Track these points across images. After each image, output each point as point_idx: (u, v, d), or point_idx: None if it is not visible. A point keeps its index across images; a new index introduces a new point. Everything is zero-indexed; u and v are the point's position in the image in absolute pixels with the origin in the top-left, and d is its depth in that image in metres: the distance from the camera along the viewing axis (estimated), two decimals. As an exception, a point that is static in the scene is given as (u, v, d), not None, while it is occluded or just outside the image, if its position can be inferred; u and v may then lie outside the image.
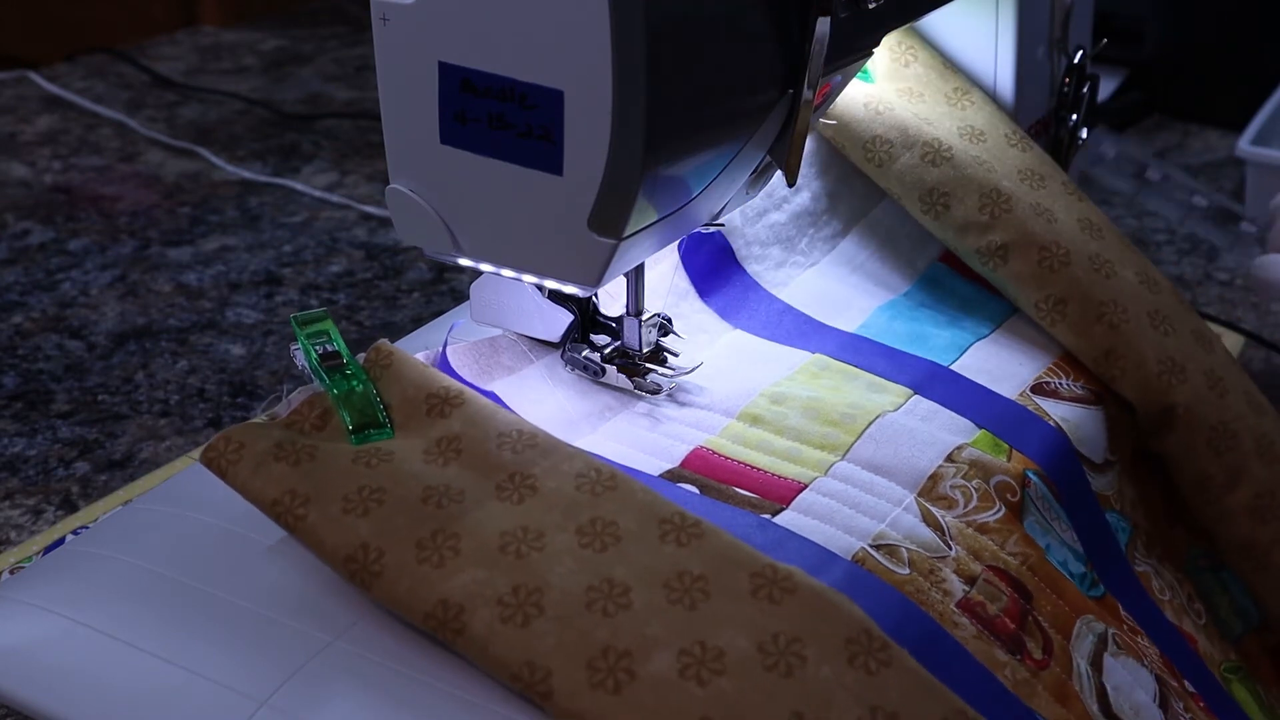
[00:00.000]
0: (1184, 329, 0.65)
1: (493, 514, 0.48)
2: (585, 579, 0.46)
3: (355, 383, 0.54)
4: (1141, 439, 0.65)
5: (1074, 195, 0.69)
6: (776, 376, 0.62)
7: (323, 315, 0.57)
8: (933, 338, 0.66)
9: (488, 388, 0.58)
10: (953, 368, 0.64)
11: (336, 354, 0.55)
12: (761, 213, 0.69)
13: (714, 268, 0.68)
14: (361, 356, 0.55)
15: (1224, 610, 0.65)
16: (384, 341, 0.56)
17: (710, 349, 0.64)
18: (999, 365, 0.65)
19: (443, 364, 0.58)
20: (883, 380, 0.62)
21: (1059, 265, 0.65)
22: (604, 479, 0.50)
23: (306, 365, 0.55)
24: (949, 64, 0.73)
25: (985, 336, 0.67)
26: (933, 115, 0.70)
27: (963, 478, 0.56)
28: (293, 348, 0.56)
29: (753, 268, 0.69)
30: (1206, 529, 0.65)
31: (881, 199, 0.72)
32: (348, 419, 0.53)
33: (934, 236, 0.69)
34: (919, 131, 0.68)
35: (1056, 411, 0.62)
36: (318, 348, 0.55)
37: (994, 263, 0.66)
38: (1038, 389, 0.63)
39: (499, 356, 0.61)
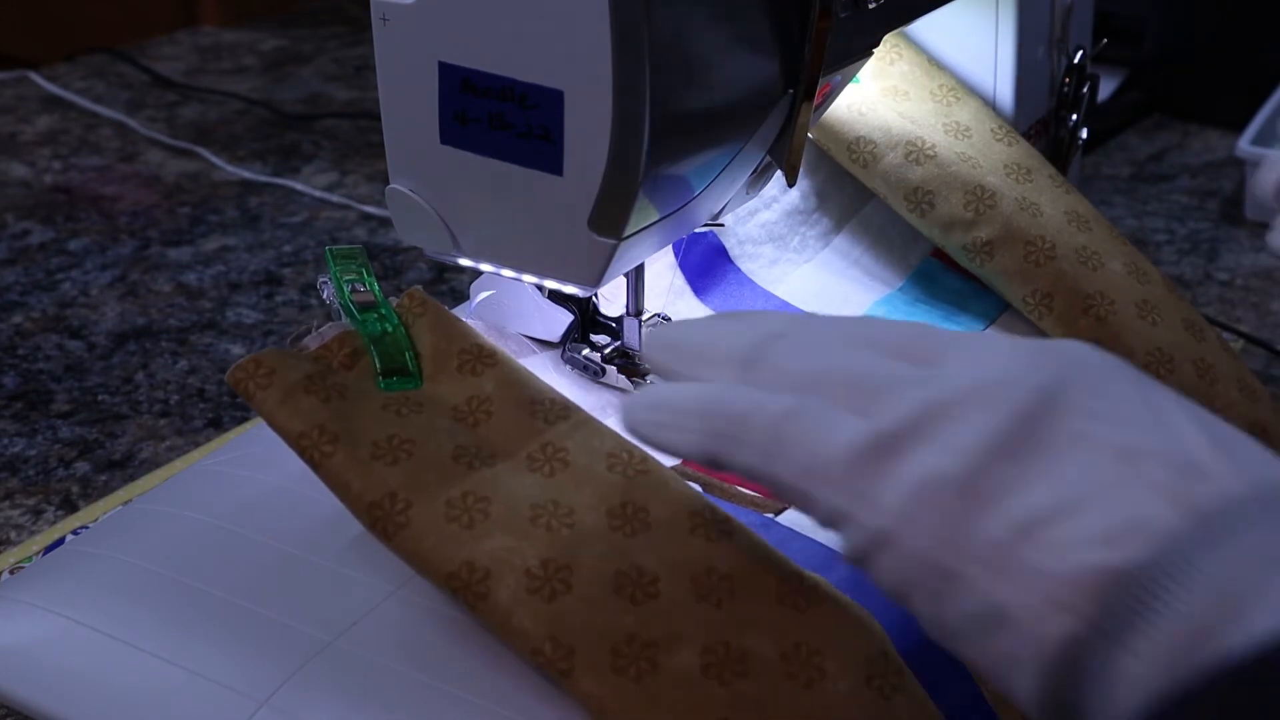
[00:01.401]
0: (1173, 318, 0.65)
1: (524, 483, 0.48)
2: (614, 563, 0.45)
3: (388, 325, 0.52)
4: None
5: (1061, 188, 0.69)
6: None
7: (358, 251, 0.55)
8: None
9: None
10: None
11: (369, 293, 0.54)
12: (752, 212, 0.69)
13: (708, 267, 0.68)
14: (394, 300, 0.54)
15: None
16: (418, 289, 0.54)
17: None
18: None
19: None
20: None
21: (1044, 259, 0.65)
22: (635, 461, 0.49)
23: (336, 301, 0.53)
24: (934, 62, 0.73)
25: (982, 332, 0.67)
26: (918, 114, 0.70)
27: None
28: (321, 280, 0.54)
29: (746, 266, 0.69)
30: None
31: (872, 196, 0.73)
32: (378, 362, 0.51)
33: None
34: (903, 131, 0.68)
35: None
36: (349, 285, 0.54)
37: (980, 258, 0.66)
38: None
39: (505, 344, 0.61)
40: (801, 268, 0.70)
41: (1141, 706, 0.32)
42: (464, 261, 0.54)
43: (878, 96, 0.70)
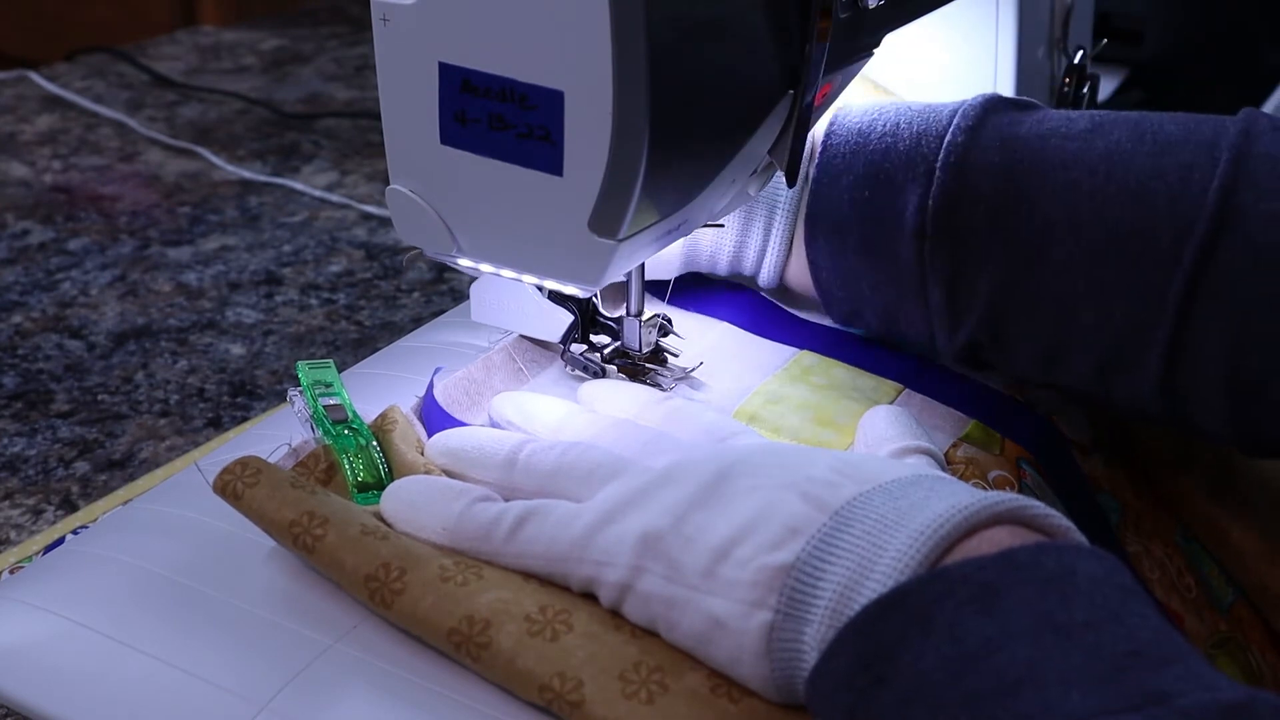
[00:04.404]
0: None
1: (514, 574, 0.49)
2: (610, 613, 0.47)
3: (361, 439, 0.54)
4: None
5: None
6: (768, 373, 0.62)
7: (329, 364, 0.57)
8: None
9: (478, 421, 0.58)
10: (938, 360, 0.64)
11: (340, 407, 0.55)
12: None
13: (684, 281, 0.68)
14: (361, 409, 0.56)
15: (1214, 579, 0.65)
16: (395, 407, 0.56)
17: (701, 343, 0.64)
18: None
19: (430, 405, 0.58)
20: (873, 376, 0.63)
21: None
22: None
23: (308, 413, 0.55)
24: (879, 87, 0.73)
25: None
26: None
27: (959, 476, 0.57)
28: (292, 392, 0.56)
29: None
30: (1172, 507, 0.66)
31: None
32: (352, 476, 0.53)
33: None
34: None
35: (1043, 397, 0.63)
36: (322, 400, 0.55)
37: None
38: None
39: (491, 381, 0.61)
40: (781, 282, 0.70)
41: (817, 660, 0.41)
42: (464, 261, 0.54)
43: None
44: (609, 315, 0.61)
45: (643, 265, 0.59)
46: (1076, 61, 0.78)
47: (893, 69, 0.73)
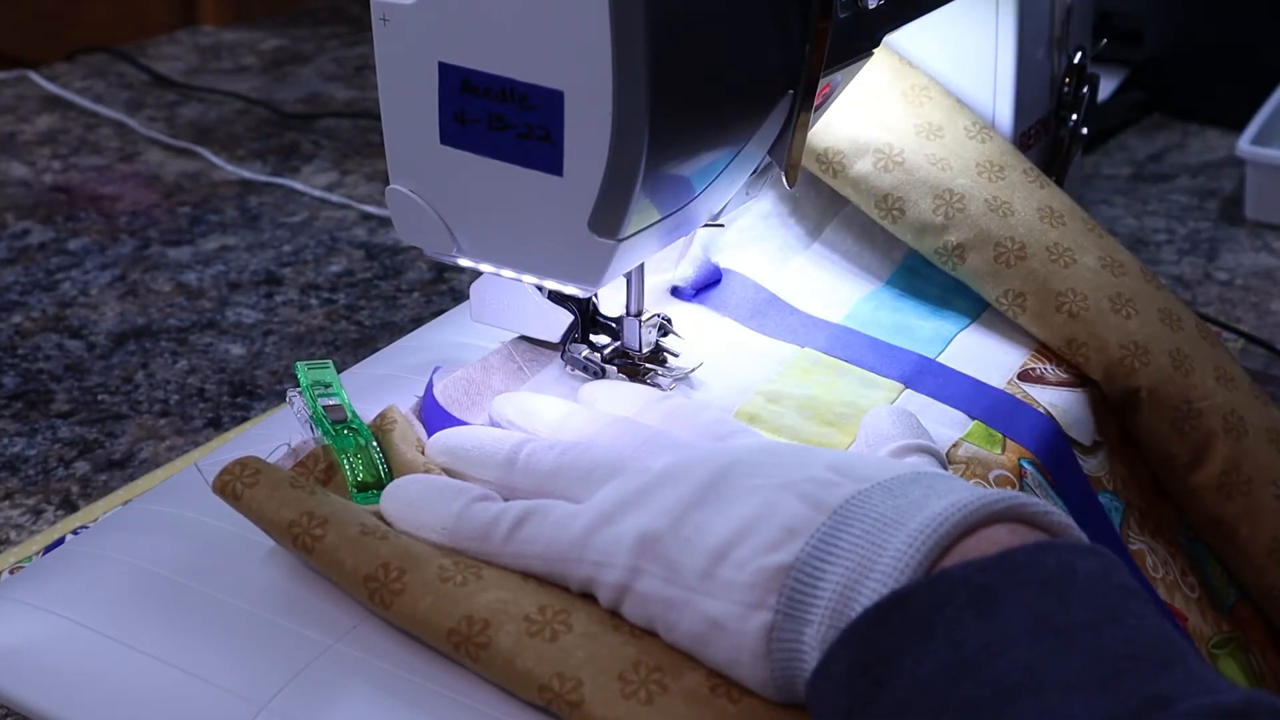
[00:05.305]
0: (1149, 309, 0.65)
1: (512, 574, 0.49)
2: (609, 614, 0.47)
3: (361, 439, 0.54)
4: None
5: (1035, 183, 0.69)
6: (769, 373, 0.62)
7: (329, 365, 0.57)
8: (917, 329, 0.66)
9: (478, 420, 0.58)
10: (940, 359, 0.64)
11: (339, 407, 0.55)
12: (729, 220, 0.70)
13: (701, 275, 0.68)
14: (361, 409, 0.56)
15: (1216, 579, 0.65)
16: (394, 406, 0.56)
17: (701, 343, 0.64)
18: (985, 354, 0.65)
19: (429, 405, 0.58)
20: (873, 375, 0.63)
21: (1015, 260, 0.66)
22: None
23: (308, 413, 0.55)
24: (905, 62, 0.73)
25: (968, 326, 0.67)
26: (888, 117, 0.70)
27: (961, 476, 0.57)
28: (292, 393, 0.56)
29: (736, 268, 0.69)
30: (1178, 506, 0.66)
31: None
32: (352, 475, 0.53)
33: None
34: (871, 138, 0.68)
35: (1044, 397, 0.63)
36: (321, 400, 0.55)
37: (953, 261, 0.67)
38: (1025, 376, 0.64)
39: (490, 380, 0.61)
40: (789, 265, 0.70)
41: (817, 661, 0.41)
42: (464, 261, 0.54)
43: (847, 102, 0.70)
44: (609, 315, 0.61)
45: (642, 265, 0.59)
46: (1076, 61, 0.78)
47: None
